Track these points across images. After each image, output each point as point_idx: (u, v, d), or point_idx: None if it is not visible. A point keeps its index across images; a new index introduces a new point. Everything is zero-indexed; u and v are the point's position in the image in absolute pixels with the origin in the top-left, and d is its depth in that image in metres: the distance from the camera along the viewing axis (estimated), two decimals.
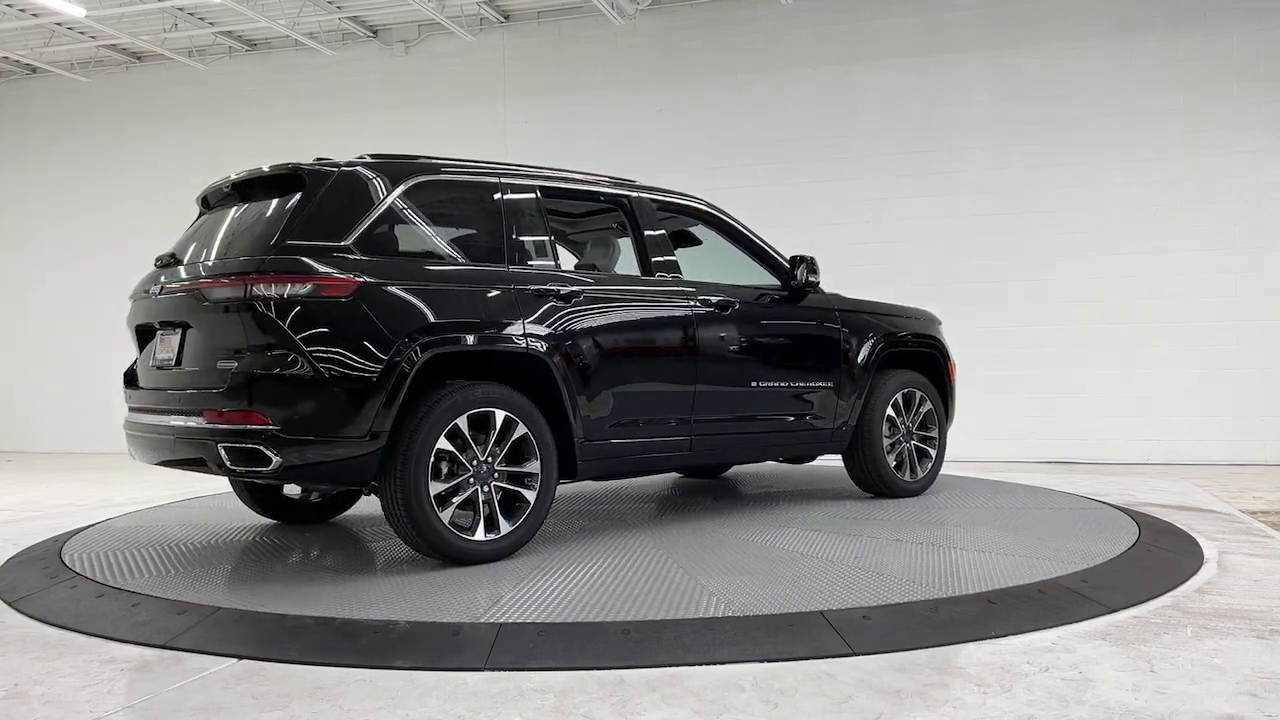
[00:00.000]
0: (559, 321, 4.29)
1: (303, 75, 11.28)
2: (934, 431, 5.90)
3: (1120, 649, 3.03)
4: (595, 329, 4.42)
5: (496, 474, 4.07)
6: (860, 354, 5.53)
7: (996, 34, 9.25)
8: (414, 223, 4.19)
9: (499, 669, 2.91)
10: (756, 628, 3.16)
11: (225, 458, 3.75)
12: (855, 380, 5.49)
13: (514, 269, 4.31)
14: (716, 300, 4.93)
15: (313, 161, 4.17)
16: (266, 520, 5.25)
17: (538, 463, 4.15)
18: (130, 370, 4.58)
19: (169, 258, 4.30)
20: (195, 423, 3.87)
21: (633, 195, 5.00)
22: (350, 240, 3.93)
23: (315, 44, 10.85)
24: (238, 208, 4.25)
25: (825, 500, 5.68)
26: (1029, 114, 9.13)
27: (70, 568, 4.24)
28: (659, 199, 5.12)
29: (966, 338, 7.50)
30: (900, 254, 9.37)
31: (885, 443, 5.61)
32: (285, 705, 2.66)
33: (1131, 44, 8.91)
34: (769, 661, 2.93)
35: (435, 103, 10.80)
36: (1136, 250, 8.83)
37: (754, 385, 5.08)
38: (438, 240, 4.25)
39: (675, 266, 4.93)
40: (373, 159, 4.23)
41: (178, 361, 4.07)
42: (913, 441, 5.80)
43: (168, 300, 4.13)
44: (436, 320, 3.95)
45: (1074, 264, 8.99)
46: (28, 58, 11.30)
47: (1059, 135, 9.04)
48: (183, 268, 4.16)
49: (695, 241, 5.60)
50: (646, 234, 4.93)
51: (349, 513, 5.40)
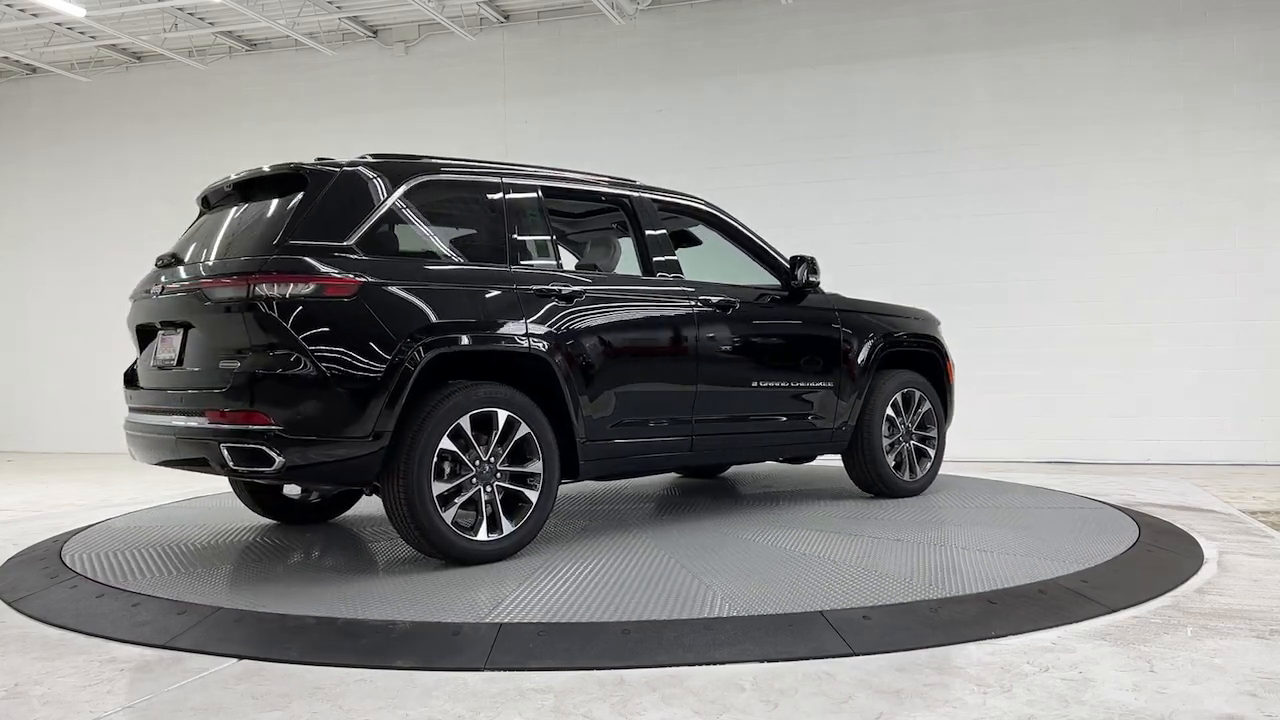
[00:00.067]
0: (561, 321, 4.29)
1: (303, 75, 11.28)
2: (933, 431, 5.91)
3: (1120, 649, 3.03)
4: (597, 329, 4.42)
5: (499, 474, 4.07)
6: (860, 354, 5.53)
7: (996, 34, 9.25)
8: (416, 222, 4.18)
9: (499, 669, 2.91)
10: (756, 628, 3.16)
11: (228, 458, 3.75)
12: (855, 380, 5.49)
13: (516, 269, 4.31)
14: (717, 300, 4.93)
15: (314, 161, 4.16)
16: (266, 520, 5.25)
17: (540, 463, 4.15)
18: (130, 370, 4.58)
19: (170, 258, 4.29)
20: (197, 423, 3.86)
21: (634, 195, 5.00)
22: (353, 240, 3.92)
23: (315, 44, 10.85)
24: (238, 208, 4.24)
25: (825, 500, 5.69)
26: (1029, 114, 9.13)
27: (70, 568, 4.24)
28: (660, 199, 5.12)
29: (966, 338, 7.50)
30: (900, 254, 9.37)
31: (885, 443, 5.61)
32: (285, 705, 2.66)
33: (1131, 44, 8.92)
34: (769, 661, 2.94)
35: (435, 103, 10.80)
36: (1136, 250, 8.83)
37: (755, 385, 5.09)
38: (440, 240, 4.25)
39: (676, 266, 4.93)
40: (374, 159, 4.23)
41: (179, 361, 4.07)
42: (912, 441, 5.80)
43: (169, 300, 4.12)
44: (439, 320, 3.95)
45: (1074, 264, 8.99)
46: (28, 58, 11.30)
47: (1059, 135, 9.04)
48: (184, 268, 4.15)
49: (695, 241, 5.60)
50: (648, 234, 4.93)
51: (349, 513, 5.40)
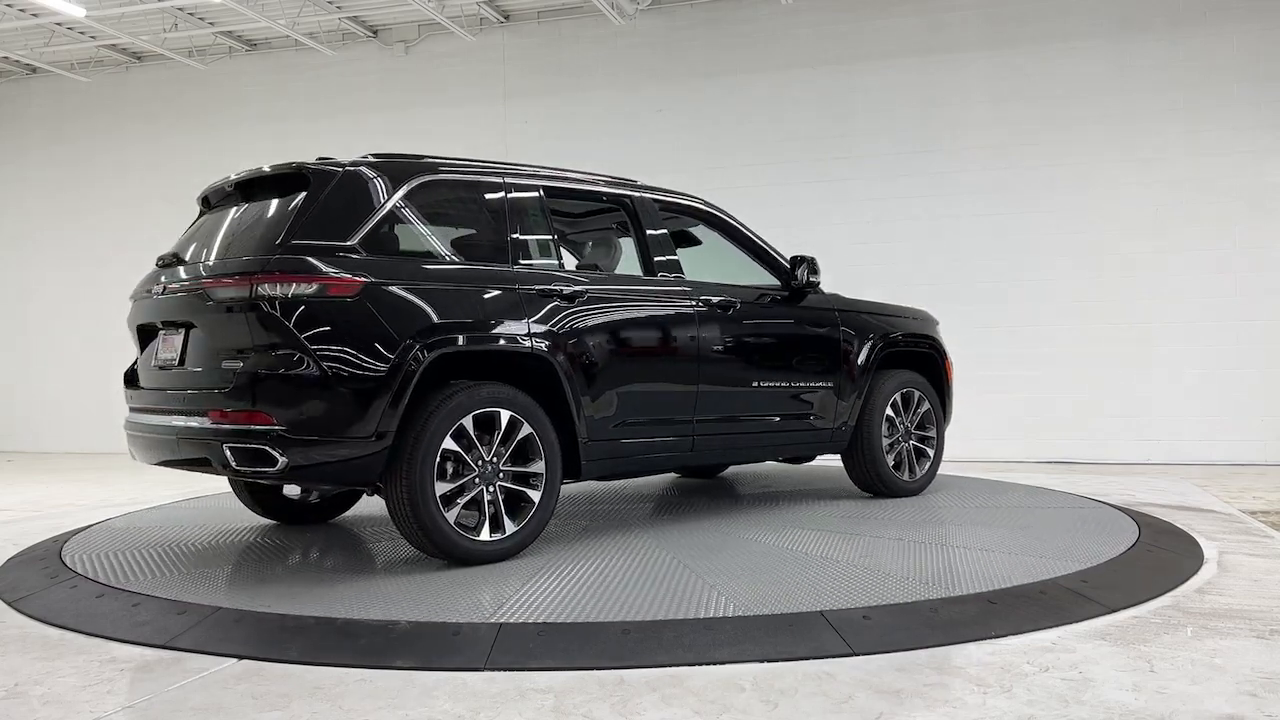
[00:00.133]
0: (563, 321, 4.29)
1: (303, 75, 11.28)
2: (932, 431, 5.91)
3: (1120, 649, 3.03)
4: (599, 329, 4.42)
5: (501, 474, 4.07)
6: (860, 354, 5.53)
7: (996, 34, 9.25)
8: (418, 222, 4.18)
9: (499, 669, 2.91)
10: (756, 628, 3.16)
11: (231, 458, 3.74)
12: (855, 380, 5.49)
13: (518, 269, 4.31)
14: (718, 300, 4.93)
15: (316, 161, 4.16)
16: (266, 521, 5.25)
17: (542, 463, 4.15)
18: (131, 370, 4.57)
19: (171, 257, 4.29)
20: (199, 423, 3.86)
21: (635, 195, 5.00)
22: (355, 240, 3.92)
23: (315, 44, 10.85)
24: (239, 207, 4.24)
25: (824, 500, 5.69)
26: (1029, 114, 9.13)
27: (70, 568, 4.24)
28: (661, 199, 5.12)
29: (966, 338, 7.50)
30: (900, 254, 9.38)
31: (884, 442, 5.61)
32: (285, 705, 2.66)
33: (1131, 44, 8.91)
34: (769, 661, 2.94)
35: (435, 103, 10.80)
36: (1136, 250, 8.83)
37: (755, 385, 5.09)
38: (442, 240, 4.24)
39: (677, 266, 4.93)
40: (377, 158, 4.22)
41: (181, 361, 4.06)
42: (911, 441, 5.81)
43: (171, 300, 4.12)
44: (442, 320, 3.94)
45: (1074, 264, 8.99)
46: (28, 58, 11.30)
47: (1059, 135, 9.04)
48: (186, 267, 4.15)
49: (696, 241, 5.60)
50: (649, 234, 4.93)
51: (349, 513, 5.40)
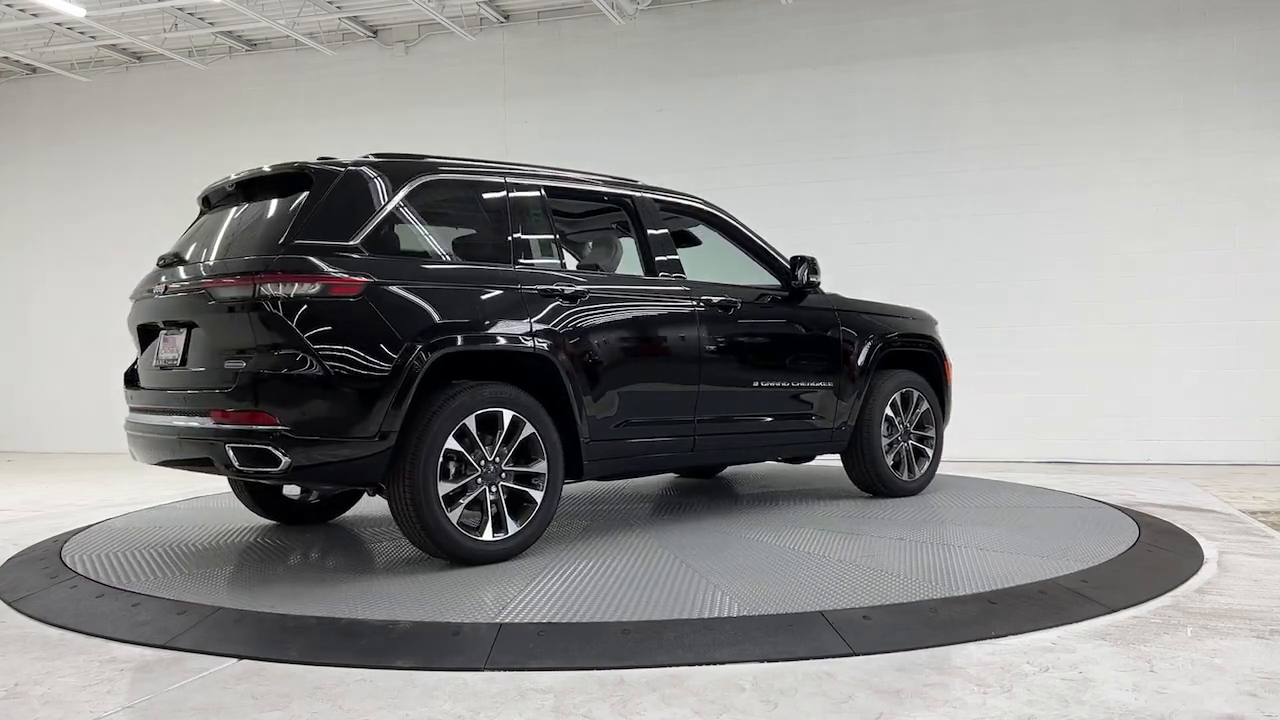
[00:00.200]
0: (565, 321, 4.29)
1: (303, 75, 11.28)
2: (931, 431, 5.91)
3: (1120, 649, 3.03)
4: (600, 329, 4.42)
5: (504, 474, 4.07)
6: (860, 354, 5.53)
7: (996, 34, 9.25)
8: (420, 222, 4.17)
9: (499, 669, 2.91)
10: (756, 628, 3.17)
11: (233, 458, 3.74)
12: (855, 380, 5.49)
13: (519, 268, 4.31)
14: (719, 300, 4.94)
15: (317, 161, 4.16)
16: (266, 521, 5.24)
17: (545, 463, 4.14)
18: (131, 370, 4.57)
19: (171, 257, 4.29)
20: (201, 423, 3.85)
21: (636, 195, 5.00)
22: (358, 240, 3.92)
23: (315, 44, 10.85)
24: (240, 207, 4.24)
25: (824, 500, 5.69)
26: (1029, 114, 9.13)
27: (70, 568, 4.24)
28: (661, 199, 5.12)
29: (966, 338, 7.51)
30: (900, 254, 9.38)
31: (884, 442, 5.62)
32: (285, 705, 2.66)
33: (1131, 44, 8.91)
34: (769, 661, 2.94)
35: (435, 103, 10.80)
36: (1136, 250, 8.83)
37: (756, 385, 5.09)
38: (444, 240, 4.24)
39: (678, 266, 4.93)
40: (378, 158, 4.22)
41: (183, 361, 4.06)
42: (910, 441, 5.81)
43: (172, 300, 4.11)
44: (444, 320, 3.94)
45: (1074, 264, 8.99)
46: (28, 58, 11.30)
47: (1059, 135, 9.04)
48: (188, 267, 4.14)
49: (696, 241, 5.60)
50: (650, 234, 4.93)
51: (349, 513, 5.40)
